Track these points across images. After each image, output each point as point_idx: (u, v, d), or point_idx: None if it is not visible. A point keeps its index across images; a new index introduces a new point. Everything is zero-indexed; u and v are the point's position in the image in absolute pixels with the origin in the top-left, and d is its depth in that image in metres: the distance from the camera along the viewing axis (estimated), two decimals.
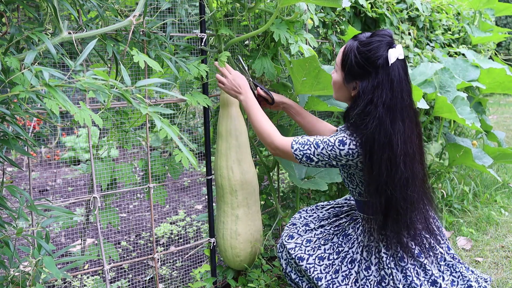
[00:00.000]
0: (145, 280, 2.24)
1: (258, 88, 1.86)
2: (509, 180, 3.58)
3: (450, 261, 1.60)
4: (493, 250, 2.46)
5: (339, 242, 1.67)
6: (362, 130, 1.45)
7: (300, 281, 1.74)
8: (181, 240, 2.70)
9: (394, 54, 1.44)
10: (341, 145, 1.47)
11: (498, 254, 2.41)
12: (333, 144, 1.49)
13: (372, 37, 1.48)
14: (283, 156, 1.61)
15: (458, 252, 2.44)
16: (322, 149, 1.50)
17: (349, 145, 1.46)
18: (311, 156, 1.52)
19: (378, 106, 1.43)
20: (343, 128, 1.53)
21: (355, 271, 1.59)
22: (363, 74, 1.47)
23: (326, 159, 1.51)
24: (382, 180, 1.44)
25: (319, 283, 1.62)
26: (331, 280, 1.61)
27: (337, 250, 1.66)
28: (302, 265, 1.67)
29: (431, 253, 1.56)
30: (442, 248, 1.60)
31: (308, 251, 1.69)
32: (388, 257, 1.53)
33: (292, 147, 1.55)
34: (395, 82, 1.44)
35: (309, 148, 1.53)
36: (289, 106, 1.90)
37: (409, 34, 3.07)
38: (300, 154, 1.54)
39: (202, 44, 1.81)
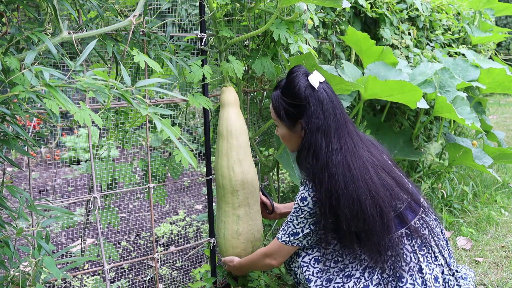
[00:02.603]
0: (145, 280, 2.24)
1: (260, 192, 2.00)
2: (509, 180, 3.58)
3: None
4: (493, 250, 2.46)
5: (340, 252, 1.63)
6: (304, 164, 1.52)
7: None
8: (181, 240, 2.70)
9: (316, 79, 1.50)
10: (304, 201, 1.52)
11: (498, 254, 2.41)
12: (299, 206, 1.53)
13: (287, 77, 1.55)
14: (285, 256, 1.65)
15: (458, 252, 2.44)
16: (296, 217, 1.56)
17: (310, 196, 1.51)
18: (294, 230, 1.57)
19: (313, 132, 1.49)
20: (301, 183, 1.59)
21: (348, 286, 1.55)
22: (299, 111, 1.52)
23: (305, 221, 1.55)
24: (327, 205, 1.46)
25: (309, 284, 1.62)
26: (322, 286, 1.60)
27: (335, 258, 1.63)
28: (298, 261, 1.67)
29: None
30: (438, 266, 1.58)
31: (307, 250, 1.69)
32: (384, 279, 1.52)
33: (279, 238, 1.62)
34: (325, 103, 1.49)
35: (289, 226, 1.58)
36: None
37: (409, 34, 3.07)
38: (287, 239, 1.59)
39: (202, 44, 1.81)
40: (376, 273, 1.52)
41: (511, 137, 5.35)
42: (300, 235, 1.56)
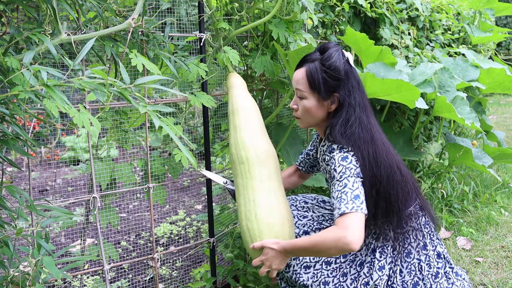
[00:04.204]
0: (145, 280, 2.24)
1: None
2: (509, 180, 3.58)
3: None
4: (493, 250, 2.46)
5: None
6: (349, 136, 1.52)
7: None
8: (181, 240, 2.71)
9: (350, 58, 1.57)
10: (346, 159, 1.48)
11: (498, 254, 2.41)
12: (343, 166, 1.46)
13: (326, 51, 1.56)
14: (362, 230, 1.37)
15: (458, 252, 2.44)
16: (346, 178, 1.45)
17: (350, 154, 1.50)
18: (353, 192, 1.42)
19: (356, 108, 1.55)
20: (331, 150, 1.52)
21: (363, 273, 1.57)
22: (338, 84, 1.55)
23: (356, 180, 1.45)
24: (370, 173, 1.50)
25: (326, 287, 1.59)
26: (339, 283, 1.59)
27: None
28: (310, 272, 1.64)
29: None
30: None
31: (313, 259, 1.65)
32: (396, 255, 1.58)
33: (345, 210, 1.38)
34: (360, 82, 1.58)
35: (345, 192, 1.42)
36: None
37: (409, 34, 3.07)
38: (354, 205, 1.39)
39: (201, 44, 1.81)
40: (388, 252, 1.59)
41: (511, 137, 5.35)
42: (360, 196, 1.41)
